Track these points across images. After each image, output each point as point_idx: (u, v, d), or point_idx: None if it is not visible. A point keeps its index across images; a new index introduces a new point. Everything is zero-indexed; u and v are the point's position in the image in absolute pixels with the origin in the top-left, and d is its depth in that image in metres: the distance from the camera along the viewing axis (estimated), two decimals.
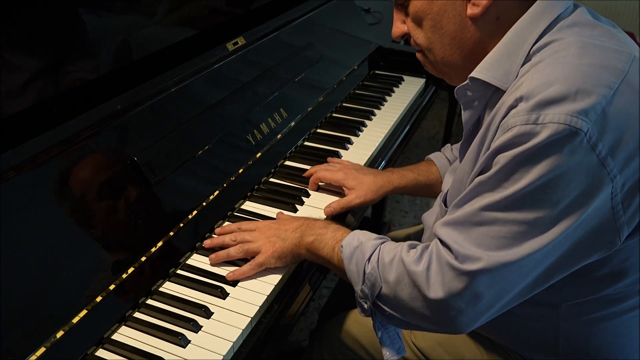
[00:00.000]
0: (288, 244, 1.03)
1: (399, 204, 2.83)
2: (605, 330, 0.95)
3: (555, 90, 0.76)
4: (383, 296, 0.90)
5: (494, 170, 0.80)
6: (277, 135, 1.39)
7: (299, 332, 2.04)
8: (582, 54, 0.80)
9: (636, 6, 3.40)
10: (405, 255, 0.88)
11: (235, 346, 0.91)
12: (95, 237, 0.96)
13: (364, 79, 1.87)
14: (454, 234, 0.83)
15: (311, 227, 1.04)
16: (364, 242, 0.95)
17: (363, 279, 0.92)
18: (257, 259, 1.03)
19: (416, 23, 0.95)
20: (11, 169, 0.88)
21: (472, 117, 0.95)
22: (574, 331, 0.95)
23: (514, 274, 0.80)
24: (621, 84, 0.78)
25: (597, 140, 0.75)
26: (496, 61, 0.87)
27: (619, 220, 0.81)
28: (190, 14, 1.35)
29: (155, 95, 1.17)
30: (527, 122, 0.76)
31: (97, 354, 0.88)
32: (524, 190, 0.77)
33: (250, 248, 1.04)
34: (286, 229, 1.05)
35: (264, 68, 1.48)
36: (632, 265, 0.88)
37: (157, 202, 1.08)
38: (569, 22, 0.86)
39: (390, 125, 1.61)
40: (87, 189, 0.98)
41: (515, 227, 0.79)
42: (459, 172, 0.97)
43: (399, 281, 0.87)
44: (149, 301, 0.98)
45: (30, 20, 0.96)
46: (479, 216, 0.81)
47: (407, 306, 0.87)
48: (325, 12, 1.82)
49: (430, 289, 0.83)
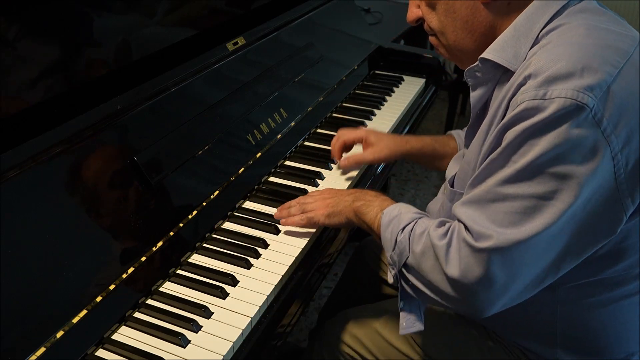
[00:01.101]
0: (340, 205, 1.11)
1: None
2: (602, 316, 0.96)
3: (563, 67, 0.79)
4: (408, 265, 0.94)
5: (503, 145, 0.82)
6: (277, 135, 1.39)
7: (299, 332, 2.04)
8: (589, 35, 0.83)
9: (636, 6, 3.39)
10: (434, 230, 0.91)
11: (235, 346, 0.91)
12: (95, 237, 0.96)
13: (364, 79, 1.87)
14: (469, 212, 0.86)
15: (364, 194, 1.11)
16: (403, 213, 0.99)
17: (394, 246, 0.96)
18: (309, 213, 1.12)
19: (430, 7, 0.98)
20: (11, 168, 0.88)
21: (481, 99, 0.97)
22: (571, 316, 0.96)
23: (526, 254, 0.81)
24: (626, 64, 0.81)
25: (601, 116, 0.77)
26: (506, 43, 0.90)
27: (624, 199, 0.82)
28: (190, 14, 1.35)
29: (155, 95, 1.17)
30: (534, 97, 0.79)
31: (97, 354, 0.88)
32: (532, 163, 0.79)
33: (308, 206, 1.14)
34: (342, 194, 1.14)
35: (264, 68, 1.48)
36: (630, 246, 0.89)
37: (157, 202, 1.08)
38: (577, 9, 0.89)
39: (390, 125, 1.61)
40: (87, 189, 0.98)
41: (525, 201, 0.80)
42: (468, 155, 1.00)
43: (423, 253, 0.90)
44: (149, 301, 0.98)
45: (30, 21, 0.96)
46: (492, 193, 0.83)
47: (427, 278, 0.90)
48: (325, 12, 1.82)
49: (448, 265, 0.86)
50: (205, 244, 1.11)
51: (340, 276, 1.61)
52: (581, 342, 0.99)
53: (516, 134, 0.80)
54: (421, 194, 2.90)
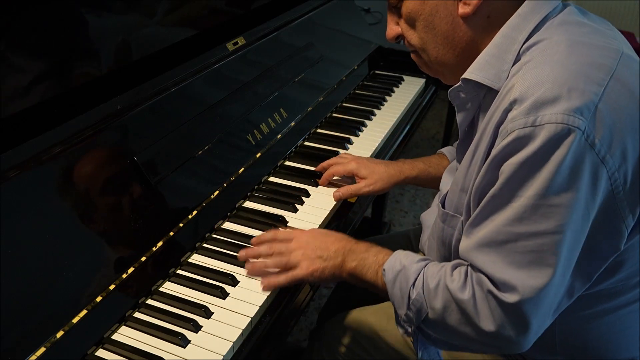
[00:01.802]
0: (329, 266, 1.02)
1: (399, 204, 2.83)
2: (600, 326, 0.95)
3: (548, 90, 0.77)
4: (430, 321, 0.90)
5: (503, 180, 0.80)
6: (277, 135, 1.39)
7: (299, 332, 2.04)
8: (571, 52, 0.82)
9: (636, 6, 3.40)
10: (450, 281, 0.87)
11: (235, 346, 0.91)
12: (95, 237, 0.96)
13: (364, 79, 1.87)
14: (484, 258, 0.84)
15: (353, 251, 1.03)
16: (406, 266, 0.94)
17: (408, 305, 0.92)
18: (296, 273, 1.01)
19: (409, 24, 0.97)
20: (11, 168, 0.88)
21: (466, 119, 0.96)
22: (569, 327, 0.96)
23: (550, 292, 0.81)
24: (610, 80, 0.80)
25: (594, 137, 0.76)
26: (487, 62, 0.89)
27: (625, 216, 0.82)
28: (190, 14, 1.35)
29: (155, 95, 1.17)
30: (525, 125, 0.77)
31: (97, 354, 0.88)
32: (536, 197, 0.78)
33: (290, 262, 1.02)
34: (328, 249, 1.03)
35: (264, 68, 1.48)
36: (627, 259, 0.89)
37: (157, 202, 1.08)
38: (557, 21, 0.88)
39: (390, 125, 1.61)
40: (87, 189, 0.98)
41: (539, 239, 0.79)
42: (458, 175, 0.98)
43: (446, 307, 0.87)
44: (149, 301, 0.98)
45: (31, 21, 0.96)
46: (503, 233, 0.81)
47: (456, 331, 0.88)
48: (325, 12, 1.82)
49: (480, 320, 0.84)
50: (205, 244, 1.11)
51: None
52: (581, 350, 0.98)
53: (515, 168, 0.78)
54: (421, 194, 2.90)
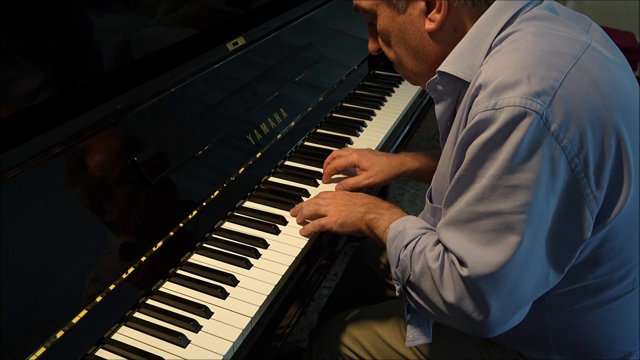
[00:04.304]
0: (353, 215, 1.10)
1: (399, 204, 2.83)
2: (592, 321, 0.96)
3: (509, 75, 0.80)
4: (410, 283, 0.94)
5: (466, 161, 0.83)
6: (277, 135, 1.39)
7: (299, 332, 2.04)
8: (537, 42, 0.84)
9: (636, 6, 3.40)
10: (429, 249, 0.91)
11: (235, 346, 0.91)
12: (95, 236, 0.96)
13: (364, 79, 1.87)
14: (449, 235, 0.86)
15: (377, 205, 1.09)
16: (407, 229, 0.98)
17: (397, 263, 0.96)
18: (322, 221, 1.12)
19: (384, 39, 1.01)
20: (11, 168, 0.88)
21: (446, 111, 0.98)
22: (560, 323, 0.96)
23: (511, 274, 0.81)
24: (572, 68, 0.81)
25: (551, 121, 0.78)
26: (460, 55, 0.91)
27: (589, 201, 0.82)
28: (190, 14, 1.35)
29: (155, 95, 1.17)
30: (486, 108, 0.80)
31: (97, 354, 0.88)
32: (495, 177, 0.79)
33: (320, 209, 1.13)
34: (355, 202, 1.12)
35: (264, 68, 1.48)
36: (606, 251, 0.89)
37: (157, 202, 1.08)
38: (528, 16, 0.90)
39: (390, 125, 1.61)
40: (87, 189, 0.98)
41: (497, 218, 0.81)
42: (440, 166, 1.01)
43: (422, 273, 0.91)
44: (149, 301, 0.98)
45: (31, 21, 0.96)
46: (465, 213, 0.84)
47: (428, 298, 0.90)
48: (325, 12, 1.82)
49: (443, 289, 0.87)
50: (205, 244, 1.11)
51: (340, 276, 1.61)
52: (574, 345, 0.99)
53: (476, 149, 0.81)
54: (421, 194, 2.90)
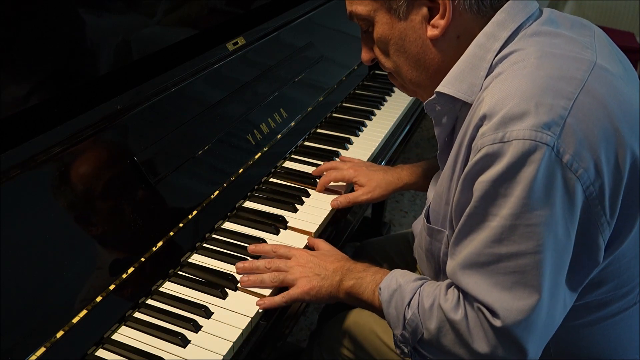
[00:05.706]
0: (326, 285, 1.01)
1: (399, 204, 2.83)
2: (594, 334, 0.95)
3: (516, 105, 0.76)
4: (425, 342, 0.89)
5: (477, 198, 0.80)
6: (277, 136, 1.39)
7: (299, 332, 2.04)
8: (540, 65, 0.81)
9: (636, 6, 3.40)
10: (444, 300, 0.86)
11: (235, 346, 0.91)
12: (95, 237, 0.96)
13: (364, 79, 1.87)
14: (468, 279, 0.83)
15: (351, 270, 1.02)
16: (402, 285, 0.93)
17: (404, 324, 0.91)
18: (292, 293, 0.99)
19: (381, 48, 0.97)
20: (11, 168, 0.88)
21: (445, 129, 0.95)
22: (561, 337, 0.94)
23: (542, 312, 0.80)
24: (580, 93, 0.78)
25: (564, 152, 0.75)
26: (459, 75, 0.88)
27: (603, 230, 0.81)
28: (190, 14, 1.35)
29: (155, 95, 1.17)
30: (493, 141, 0.77)
31: (97, 354, 0.88)
32: (512, 216, 0.77)
33: (286, 279, 1.01)
34: (326, 267, 1.02)
35: (264, 68, 1.48)
36: (612, 272, 0.88)
37: (157, 202, 1.08)
38: (530, 32, 0.87)
39: (390, 125, 1.61)
40: (87, 189, 0.98)
41: (520, 259, 0.78)
42: (439, 188, 0.97)
43: (440, 328, 0.86)
44: (149, 301, 0.98)
45: (30, 21, 0.96)
46: (484, 255, 0.80)
47: (450, 352, 0.86)
48: (325, 12, 1.82)
49: (474, 342, 0.83)
50: (205, 244, 1.11)
51: None
52: (577, 355, 0.97)
53: (486, 186, 0.78)
54: (421, 194, 2.89)
